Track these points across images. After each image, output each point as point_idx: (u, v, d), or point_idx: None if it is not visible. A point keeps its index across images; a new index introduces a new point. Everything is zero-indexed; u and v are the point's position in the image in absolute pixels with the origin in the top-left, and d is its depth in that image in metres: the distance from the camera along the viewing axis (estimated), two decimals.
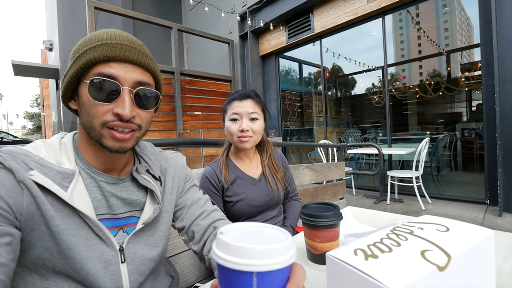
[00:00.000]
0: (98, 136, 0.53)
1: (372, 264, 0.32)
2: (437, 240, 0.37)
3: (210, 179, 1.05)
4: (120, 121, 0.52)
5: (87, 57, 0.50)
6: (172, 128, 4.01)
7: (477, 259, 0.37)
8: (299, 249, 0.72)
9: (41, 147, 0.53)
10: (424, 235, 0.38)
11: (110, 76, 0.50)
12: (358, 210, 1.01)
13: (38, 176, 0.48)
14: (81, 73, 0.51)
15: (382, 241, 0.37)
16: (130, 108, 0.52)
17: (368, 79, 5.26)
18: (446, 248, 0.35)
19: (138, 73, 0.53)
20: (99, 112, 0.51)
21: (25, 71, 9.13)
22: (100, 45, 0.51)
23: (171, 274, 0.73)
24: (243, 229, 0.35)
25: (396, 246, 0.36)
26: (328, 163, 1.91)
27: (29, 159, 0.49)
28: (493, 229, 0.89)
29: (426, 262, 0.32)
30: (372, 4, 3.97)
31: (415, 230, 0.40)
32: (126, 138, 0.53)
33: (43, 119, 19.97)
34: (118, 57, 0.51)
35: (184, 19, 8.04)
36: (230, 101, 1.07)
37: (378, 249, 0.35)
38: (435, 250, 0.34)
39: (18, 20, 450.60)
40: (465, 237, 0.38)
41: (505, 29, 2.84)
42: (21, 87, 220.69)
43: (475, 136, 4.10)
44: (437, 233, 0.39)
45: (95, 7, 3.31)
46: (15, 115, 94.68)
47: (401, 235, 0.39)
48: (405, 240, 0.37)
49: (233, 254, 0.29)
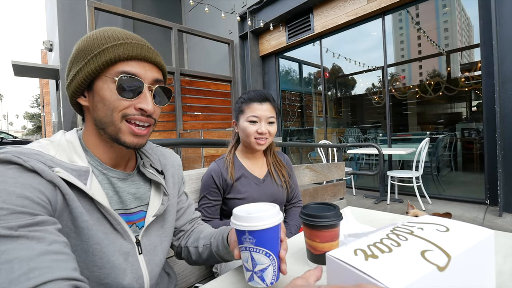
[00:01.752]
0: (116, 131, 0.54)
1: (372, 264, 0.32)
2: (437, 240, 0.37)
3: (215, 176, 1.06)
4: (141, 116, 0.55)
5: (110, 55, 0.52)
6: (172, 128, 4.01)
7: (477, 259, 0.37)
8: (299, 249, 0.72)
9: (49, 146, 0.52)
10: (424, 235, 0.38)
11: (133, 74, 0.53)
12: (358, 210, 1.01)
13: (63, 172, 0.48)
14: (101, 70, 0.53)
15: (382, 241, 0.37)
16: (152, 104, 0.55)
17: (368, 79, 5.26)
18: (446, 248, 0.35)
19: (154, 72, 0.57)
20: (121, 106, 0.53)
21: (25, 71, 9.13)
22: (122, 44, 0.53)
23: (166, 271, 0.75)
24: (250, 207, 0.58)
25: (396, 246, 0.36)
26: (328, 163, 1.91)
27: (44, 159, 0.48)
28: (493, 229, 0.89)
29: (426, 262, 0.32)
30: (372, 4, 3.97)
31: (415, 230, 0.40)
32: (144, 133, 0.56)
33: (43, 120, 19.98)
34: (138, 56, 0.54)
35: (184, 19, 8.04)
36: (248, 101, 1.06)
37: (378, 249, 0.35)
38: (435, 250, 0.34)
39: (18, 20, 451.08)
40: (465, 237, 0.38)
41: (505, 29, 2.84)
42: (21, 87, 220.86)
43: (475, 136, 4.10)
44: (437, 233, 0.39)
45: (95, 7, 3.31)
46: (15, 115, 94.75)
47: (401, 235, 0.39)
48: (405, 240, 0.37)
49: (236, 219, 0.52)
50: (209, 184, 1.06)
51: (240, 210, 0.55)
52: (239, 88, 5.71)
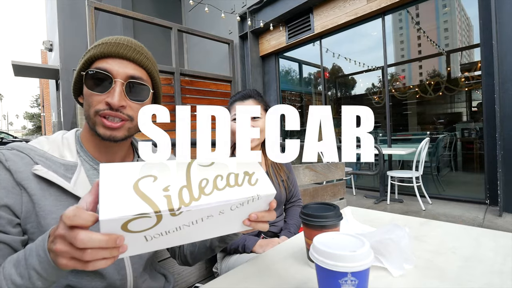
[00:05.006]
0: (93, 124, 0.58)
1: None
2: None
3: None
4: (110, 110, 0.57)
5: (89, 54, 0.58)
6: (172, 128, 4.01)
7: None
8: (299, 249, 0.72)
9: (44, 142, 0.58)
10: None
11: (104, 69, 0.56)
12: (358, 210, 1.01)
13: (41, 170, 0.52)
14: (84, 69, 0.58)
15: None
16: (119, 98, 0.56)
17: (368, 79, 5.26)
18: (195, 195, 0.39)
19: (130, 68, 0.59)
20: (94, 101, 0.57)
21: (25, 71, 9.13)
22: (101, 44, 0.58)
23: (162, 273, 0.76)
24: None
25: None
26: (328, 163, 1.91)
27: (34, 153, 0.54)
28: (493, 229, 0.89)
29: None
30: (372, 4, 3.97)
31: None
32: (115, 126, 0.58)
33: (43, 120, 19.97)
34: (113, 54, 0.57)
35: (184, 20, 8.04)
36: (231, 102, 1.09)
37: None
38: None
39: (18, 20, 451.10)
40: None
41: (505, 29, 2.84)
42: (21, 87, 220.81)
43: (475, 136, 4.10)
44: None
45: (95, 7, 3.30)
46: (15, 115, 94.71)
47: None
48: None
49: (331, 259, 0.43)
50: None
51: (328, 246, 0.44)
52: (239, 88, 5.71)
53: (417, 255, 0.63)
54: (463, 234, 0.75)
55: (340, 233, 0.51)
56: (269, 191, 0.45)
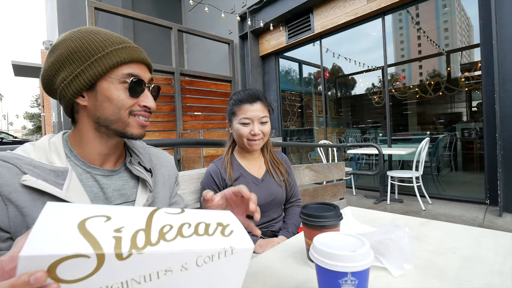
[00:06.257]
0: (123, 126, 0.60)
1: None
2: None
3: (214, 176, 1.06)
4: (145, 112, 0.62)
5: (115, 59, 0.57)
6: (172, 129, 4.01)
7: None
8: (299, 249, 0.72)
9: (30, 149, 0.55)
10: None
11: (137, 75, 0.59)
12: (358, 210, 1.01)
13: (30, 180, 0.49)
14: (107, 72, 0.57)
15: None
16: (153, 101, 0.63)
17: (368, 79, 5.26)
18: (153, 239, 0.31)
19: (148, 72, 0.64)
20: (128, 104, 0.59)
21: (25, 71, 9.13)
22: (123, 48, 0.58)
23: None
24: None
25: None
26: (328, 163, 1.91)
27: (21, 162, 0.51)
28: (493, 229, 0.89)
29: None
30: (372, 4, 3.97)
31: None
32: (148, 124, 0.64)
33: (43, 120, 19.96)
34: (138, 59, 0.60)
35: (184, 20, 8.04)
36: (238, 102, 1.06)
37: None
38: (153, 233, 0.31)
39: (18, 20, 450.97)
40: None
41: (505, 29, 2.84)
42: (21, 87, 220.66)
43: (475, 136, 4.10)
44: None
45: (95, 7, 3.30)
46: (15, 115, 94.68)
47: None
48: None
49: (331, 259, 0.43)
50: (209, 184, 1.06)
51: (328, 246, 0.45)
52: (239, 88, 5.71)
53: (417, 255, 0.63)
54: (463, 234, 0.75)
55: (340, 233, 0.51)
56: (246, 245, 0.36)
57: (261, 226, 1.10)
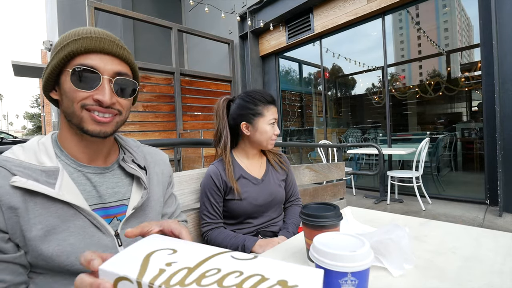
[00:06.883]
0: (79, 120, 0.55)
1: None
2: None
3: (215, 178, 1.05)
4: (99, 106, 0.55)
5: (68, 49, 0.54)
6: (172, 129, 4.01)
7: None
8: (299, 249, 0.71)
9: (19, 151, 0.54)
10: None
11: (90, 66, 0.54)
12: (358, 210, 1.01)
13: (20, 181, 0.49)
14: (63, 64, 0.55)
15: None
16: (110, 95, 0.56)
17: (368, 79, 5.26)
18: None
19: (116, 64, 0.58)
20: (79, 97, 0.55)
21: (25, 71, 9.13)
22: (81, 39, 0.55)
23: None
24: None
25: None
26: (328, 163, 1.91)
27: (10, 164, 0.51)
28: (493, 229, 0.89)
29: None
30: (372, 4, 3.97)
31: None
32: (107, 121, 0.57)
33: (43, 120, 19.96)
34: (97, 49, 0.55)
35: (184, 20, 8.04)
36: (267, 104, 1.08)
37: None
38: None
39: (18, 20, 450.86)
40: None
41: (505, 29, 2.84)
42: (21, 87, 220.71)
43: (475, 136, 4.11)
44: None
45: (95, 7, 3.31)
46: (15, 115, 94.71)
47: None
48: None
49: (332, 259, 0.43)
50: (209, 186, 1.05)
51: (328, 246, 0.45)
52: (239, 88, 5.71)
53: (417, 255, 0.63)
54: (463, 234, 0.75)
55: (340, 233, 0.51)
56: None
57: (261, 226, 1.10)
